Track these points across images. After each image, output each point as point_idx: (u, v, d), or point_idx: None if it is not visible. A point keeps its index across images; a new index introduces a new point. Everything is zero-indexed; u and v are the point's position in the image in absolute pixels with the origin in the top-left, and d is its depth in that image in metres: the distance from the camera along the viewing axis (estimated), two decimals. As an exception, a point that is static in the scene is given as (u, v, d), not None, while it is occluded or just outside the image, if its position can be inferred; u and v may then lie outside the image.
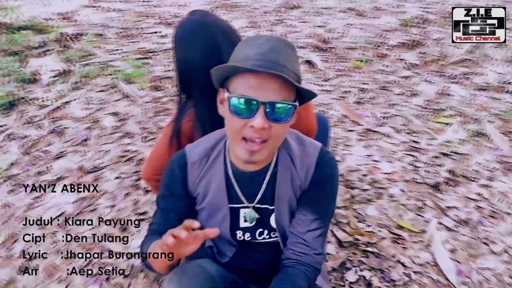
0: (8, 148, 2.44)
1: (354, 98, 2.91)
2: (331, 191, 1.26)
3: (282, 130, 1.06)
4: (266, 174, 1.21)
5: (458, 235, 1.93)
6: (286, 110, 1.01)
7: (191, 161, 1.24)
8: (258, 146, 1.03)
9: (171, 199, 1.26)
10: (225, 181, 1.23)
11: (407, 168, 2.32)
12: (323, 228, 1.24)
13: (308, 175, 1.20)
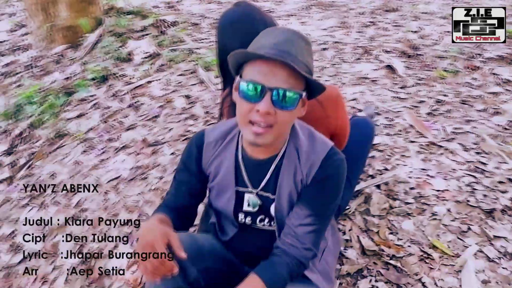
0: (92, 115, 2.78)
1: (428, 109, 2.76)
2: (332, 191, 1.27)
3: (287, 117, 1.11)
4: (272, 164, 1.27)
5: (498, 267, 1.76)
6: (291, 98, 1.07)
7: (207, 142, 1.35)
8: (263, 130, 1.10)
9: (185, 174, 1.38)
10: (234, 164, 1.32)
11: (463, 188, 2.16)
12: (317, 225, 1.26)
13: (312, 171, 1.24)
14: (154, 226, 1.13)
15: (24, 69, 3.53)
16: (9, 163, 2.54)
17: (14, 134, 2.75)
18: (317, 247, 1.28)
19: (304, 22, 4.15)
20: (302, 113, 1.17)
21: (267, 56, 1.04)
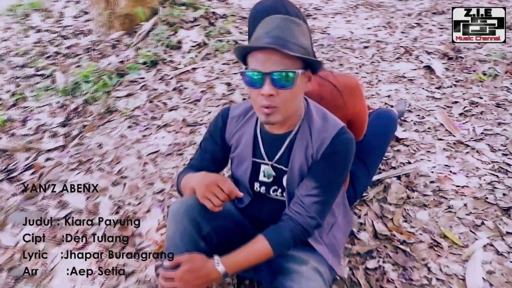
0: (139, 95, 3.03)
1: (460, 110, 2.79)
2: (338, 166, 1.39)
3: (290, 95, 1.24)
4: (287, 139, 1.42)
5: (506, 261, 1.81)
6: (288, 77, 1.21)
7: (231, 116, 1.52)
8: (270, 110, 1.25)
9: (210, 142, 1.56)
10: (253, 138, 1.48)
11: (484, 186, 2.19)
12: (322, 197, 1.39)
13: (322, 148, 1.37)
14: (207, 174, 1.38)
15: (84, 52, 3.86)
16: (63, 133, 2.83)
17: (70, 108, 3.05)
18: (321, 217, 1.40)
19: (350, 20, 4.22)
20: (308, 87, 1.30)
21: (258, 46, 1.20)
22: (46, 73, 3.58)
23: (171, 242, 1.36)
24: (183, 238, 1.34)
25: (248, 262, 1.35)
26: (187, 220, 1.35)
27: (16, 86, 3.49)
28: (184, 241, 1.34)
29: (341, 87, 1.64)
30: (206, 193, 1.31)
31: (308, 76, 1.29)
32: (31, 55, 3.94)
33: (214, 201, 1.30)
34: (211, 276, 1.30)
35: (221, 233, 1.45)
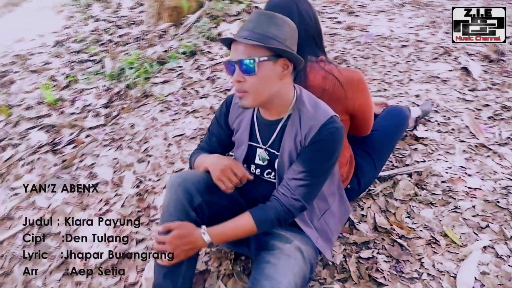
0: (175, 83, 3.23)
1: (490, 113, 2.73)
2: (324, 153, 1.48)
3: (257, 80, 1.35)
4: (278, 125, 1.53)
5: (504, 264, 1.79)
6: (250, 64, 1.32)
7: (234, 102, 1.66)
8: (241, 94, 1.38)
9: (216, 127, 1.71)
10: (250, 123, 1.60)
11: (497, 190, 2.16)
12: (308, 181, 1.48)
13: (310, 134, 1.46)
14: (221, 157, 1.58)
15: (133, 41, 4.14)
16: (105, 114, 3.09)
17: (113, 92, 3.31)
18: (307, 200, 1.49)
19: (392, 19, 4.19)
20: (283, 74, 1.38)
21: (226, 39, 1.36)
22: (97, 58, 3.88)
23: (165, 210, 1.51)
24: (176, 207, 1.48)
25: (233, 235, 1.48)
26: (181, 191, 1.49)
27: (70, 69, 3.82)
28: (176, 209, 1.48)
29: (343, 81, 1.71)
30: (221, 176, 1.49)
31: (283, 64, 1.37)
32: (87, 42, 4.27)
33: (227, 184, 1.48)
34: (197, 243, 1.44)
35: (215, 208, 1.58)
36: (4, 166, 2.69)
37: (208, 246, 1.46)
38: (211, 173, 1.53)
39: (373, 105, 2.13)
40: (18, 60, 4.18)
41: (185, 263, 1.48)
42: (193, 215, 1.50)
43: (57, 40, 4.46)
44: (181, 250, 1.43)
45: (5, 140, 2.96)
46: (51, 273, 1.86)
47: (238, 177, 1.52)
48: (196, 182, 1.53)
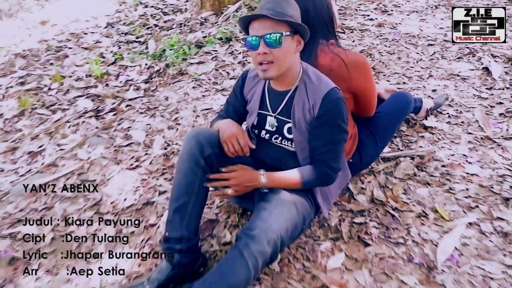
0: (209, 64, 3.52)
1: (502, 110, 2.85)
2: (335, 122, 1.71)
3: (281, 53, 1.59)
4: (287, 95, 1.77)
5: (486, 240, 1.94)
6: (276, 38, 1.56)
7: (249, 76, 1.91)
8: (266, 66, 1.62)
9: (233, 98, 1.97)
10: (261, 94, 1.85)
11: (494, 178, 2.30)
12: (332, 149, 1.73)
13: (316, 104, 1.70)
14: (232, 124, 1.82)
15: (177, 26, 4.47)
16: (144, 88, 3.42)
17: (154, 70, 3.64)
18: (339, 163, 1.75)
19: (424, 19, 4.31)
20: (297, 48, 1.62)
21: (251, 16, 1.56)
22: (142, 40, 4.24)
23: (180, 157, 1.77)
24: (188, 154, 1.74)
25: (282, 183, 1.73)
26: (194, 141, 1.75)
27: (118, 48, 4.20)
28: (189, 156, 1.74)
29: (349, 62, 1.92)
30: (226, 140, 1.75)
31: (297, 40, 1.62)
32: (135, 25, 4.65)
33: (230, 148, 1.74)
34: (255, 182, 1.71)
35: (222, 161, 1.81)
36: (53, 126, 3.06)
37: (262, 187, 1.71)
38: (220, 134, 1.77)
39: (377, 89, 2.33)
40: (72, 38, 4.61)
41: (191, 203, 1.73)
42: (202, 163, 1.73)
43: (108, 22, 4.87)
44: (243, 186, 1.70)
45: (56, 105, 3.34)
46: (85, 211, 2.18)
47: (241, 145, 1.75)
48: (208, 136, 1.78)
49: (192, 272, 1.75)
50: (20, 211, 2.17)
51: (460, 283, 1.74)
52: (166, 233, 1.74)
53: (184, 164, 1.74)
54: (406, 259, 1.87)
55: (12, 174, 2.63)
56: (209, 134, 1.79)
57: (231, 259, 1.54)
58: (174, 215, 1.73)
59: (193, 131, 1.79)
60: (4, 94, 3.54)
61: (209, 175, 1.73)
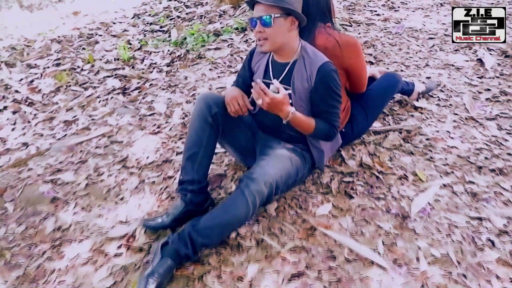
0: (225, 50, 3.89)
1: (489, 95, 3.13)
2: (331, 89, 2.01)
3: (271, 31, 1.91)
4: (287, 67, 2.11)
5: (456, 198, 2.23)
6: (268, 19, 1.90)
7: (256, 51, 2.26)
8: (261, 42, 1.96)
9: (242, 70, 2.31)
10: (265, 65, 2.19)
11: (471, 150, 2.57)
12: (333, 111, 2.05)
13: (313, 74, 2.01)
14: (235, 89, 2.13)
15: (197, 18, 4.86)
16: (166, 70, 3.81)
17: (175, 55, 4.03)
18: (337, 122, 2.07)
19: (428, 15, 4.60)
20: (291, 28, 1.95)
21: (251, 1, 1.89)
22: (165, 29, 4.64)
23: (191, 115, 2.11)
24: (198, 112, 2.07)
25: (300, 123, 1.99)
26: (203, 102, 2.09)
27: (143, 36, 4.60)
28: (198, 114, 2.06)
29: (342, 42, 2.25)
30: (228, 102, 2.08)
31: (291, 21, 1.94)
32: (159, 16, 5.05)
33: (231, 108, 2.07)
34: (284, 113, 1.93)
35: (227, 119, 2.12)
36: (86, 100, 3.46)
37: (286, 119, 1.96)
38: (225, 98, 2.11)
39: (372, 71, 2.66)
40: (102, 27, 5.05)
41: (201, 153, 2.07)
42: (210, 120, 2.05)
43: (135, 13, 5.29)
44: (272, 106, 1.89)
45: (87, 83, 3.75)
46: (113, 165, 2.56)
47: (240, 106, 2.07)
48: (215, 98, 2.11)
49: (201, 210, 2.10)
50: (59, 163, 2.57)
51: (428, 229, 2.05)
52: (180, 177, 2.10)
53: (195, 120, 2.08)
54: (384, 210, 2.18)
55: (50, 138, 3.04)
56: (216, 96, 2.13)
57: (233, 197, 1.89)
58: (187, 162, 2.07)
59: (203, 94, 2.14)
60: (42, 73, 3.96)
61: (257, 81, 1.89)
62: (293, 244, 2.00)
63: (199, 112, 2.08)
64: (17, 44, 4.62)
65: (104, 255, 1.97)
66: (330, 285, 1.79)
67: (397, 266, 1.87)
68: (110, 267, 1.90)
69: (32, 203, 2.27)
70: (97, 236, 2.07)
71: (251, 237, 2.05)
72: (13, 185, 2.39)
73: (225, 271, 1.88)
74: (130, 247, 1.99)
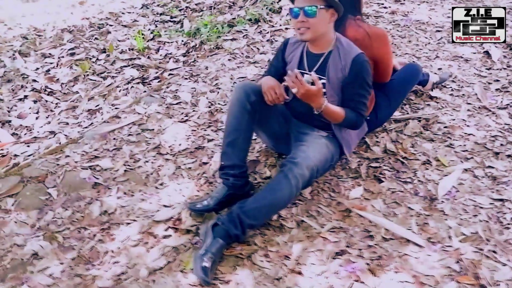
0: (241, 41, 3.98)
1: (499, 86, 3.28)
2: (362, 80, 2.12)
3: (314, 22, 2.01)
4: (322, 57, 2.21)
5: (478, 181, 2.38)
6: (312, 9, 1.99)
7: (290, 42, 2.35)
8: (303, 30, 2.05)
9: (275, 59, 2.41)
10: (300, 56, 2.29)
11: (487, 138, 2.73)
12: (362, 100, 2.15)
13: (347, 64, 2.12)
14: (271, 79, 2.20)
15: (207, 9, 4.92)
16: (183, 61, 3.88)
17: (190, 45, 4.10)
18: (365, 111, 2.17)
19: (433, 8, 4.75)
20: (331, 19, 2.06)
21: None
22: (176, 20, 4.70)
23: (230, 102, 2.19)
24: (237, 100, 2.15)
25: (331, 113, 2.07)
26: (242, 90, 2.17)
27: (155, 26, 4.65)
28: (238, 101, 2.14)
29: (371, 34, 2.37)
30: (265, 91, 2.15)
31: (331, 13, 2.05)
32: (168, 7, 5.10)
33: (268, 97, 2.14)
34: (316, 104, 2.02)
35: (265, 107, 2.21)
36: (106, 89, 3.53)
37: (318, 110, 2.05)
38: (262, 87, 2.19)
39: (394, 59, 2.78)
40: (111, 17, 5.07)
41: (241, 138, 2.16)
42: (248, 107, 2.14)
43: (143, 3, 5.33)
44: (306, 96, 1.97)
45: (105, 72, 3.81)
46: (148, 151, 2.65)
47: (277, 95, 2.14)
48: (253, 87, 2.19)
49: (242, 193, 2.21)
50: (95, 150, 2.64)
51: (456, 210, 2.19)
52: (221, 163, 2.20)
53: (234, 108, 2.17)
54: (412, 193, 2.32)
55: (76, 127, 3.10)
56: (254, 85, 2.22)
57: (277, 179, 2.00)
58: (227, 148, 2.17)
59: (241, 83, 2.23)
60: (57, 63, 4.00)
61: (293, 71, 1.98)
62: (331, 225, 2.13)
63: (239, 99, 2.17)
64: (28, 34, 4.63)
65: (153, 237, 2.07)
66: (372, 262, 1.92)
67: (431, 244, 2.01)
68: (161, 248, 2.00)
69: (74, 189, 2.35)
70: (144, 220, 2.16)
71: (291, 218, 2.16)
72: (53, 172, 2.46)
73: (271, 250, 2.00)
74: (178, 229, 2.09)
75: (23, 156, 2.75)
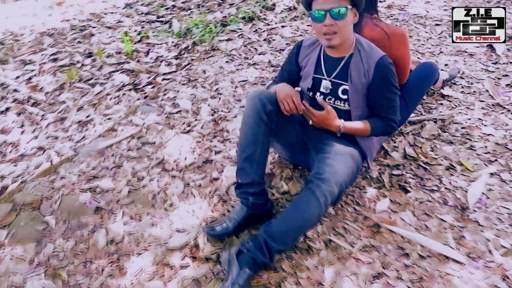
0: (236, 41, 3.77)
1: (509, 81, 3.17)
2: (389, 84, 1.98)
3: (343, 24, 1.85)
4: (342, 61, 2.03)
5: (506, 186, 2.27)
6: (341, 11, 1.81)
7: (303, 45, 2.16)
8: (331, 36, 1.87)
9: (288, 64, 2.22)
10: (316, 60, 2.11)
11: (508, 137, 2.62)
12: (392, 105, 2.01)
13: (370, 68, 1.96)
14: (287, 86, 2.00)
15: (195, 7, 4.68)
16: (175, 63, 3.65)
17: (182, 47, 3.86)
18: (396, 115, 2.02)
19: (429, 1, 4.63)
20: (354, 20, 1.89)
21: None
22: (164, 20, 4.44)
23: (245, 113, 1.98)
24: (253, 110, 1.94)
25: (354, 130, 1.98)
26: (257, 99, 1.96)
27: (141, 27, 4.39)
28: (253, 112, 1.93)
29: (390, 33, 2.21)
30: (282, 99, 1.95)
31: (354, 12, 1.88)
32: (153, 6, 4.83)
33: (286, 107, 1.95)
34: (333, 127, 1.95)
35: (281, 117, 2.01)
36: (96, 98, 3.27)
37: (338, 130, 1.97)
38: (277, 95, 1.98)
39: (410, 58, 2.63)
40: (93, 18, 4.78)
41: (258, 152, 1.96)
42: (264, 117, 1.94)
43: (126, 2, 5.04)
44: (323, 124, 1.95)
45: (93, 79, 3.55)
46: (152, 168, 2.42)
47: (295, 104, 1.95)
48: (268, 95, 1.98)
49: (264, 213, 2.02)
50: (93, 169, 2.41)
51: (490, 219, 2.06)
52: (238, 180, 2.00)
53: (249, 118, 1.95)
54: (441, 202, 2.18)
55: (67, 141, 2.85)
56: (269, 94, 2.01)
57: (305, 198, 1.82)
58: (244, 163, 1.96)
59: (255, 92, 2.02)
60: (39, 70, 3.71)
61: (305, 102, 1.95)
62: (362, 244, 1.97)
63: (254, 109, 1.97)
64: (4, 39, 4.31)
65: (169, 267, 1.87)
66: (413, 284, 1.77)
67: (472, 260, 1.86)
68: (180, 281, 1.81)
69: (74, 215, 2.12)
70: (156, 248, 1.96)
71: (319, 238, 1.99)
72: (49, 196, 2.22)
73: (301, 276, 1.82)
74: (197, 258, 1.90)
75: (11, 178, 2.50)
